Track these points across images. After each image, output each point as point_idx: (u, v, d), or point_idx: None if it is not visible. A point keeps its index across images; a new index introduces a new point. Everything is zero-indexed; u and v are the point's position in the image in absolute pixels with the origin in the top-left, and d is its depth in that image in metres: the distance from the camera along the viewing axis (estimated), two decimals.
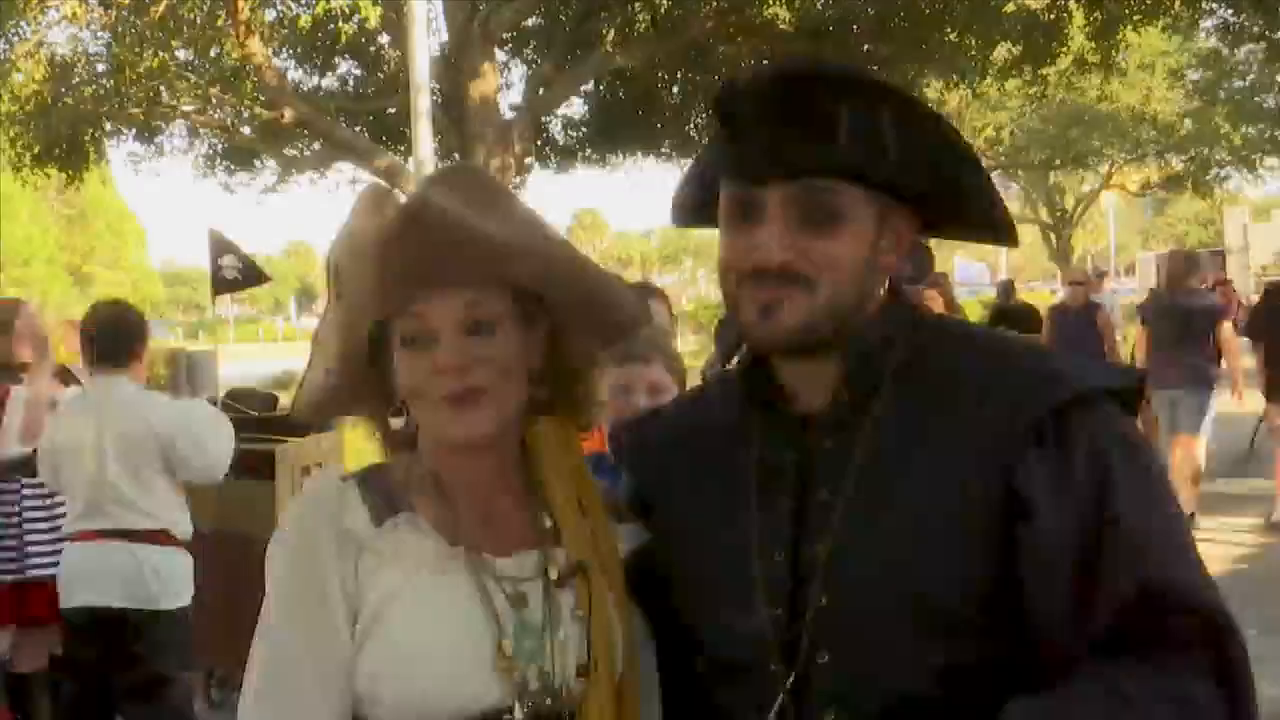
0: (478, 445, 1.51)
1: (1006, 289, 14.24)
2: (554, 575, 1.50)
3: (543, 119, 15.98)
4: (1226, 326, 9.32)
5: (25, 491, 5.08)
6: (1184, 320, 9.06)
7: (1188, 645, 1.28)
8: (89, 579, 4.38)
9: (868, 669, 1.38)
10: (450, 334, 1.46)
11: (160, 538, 4.42)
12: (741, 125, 1.44)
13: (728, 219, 1.47)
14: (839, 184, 1.40)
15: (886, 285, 1.50)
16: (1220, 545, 8.17)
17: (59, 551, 4.80)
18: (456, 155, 14.55)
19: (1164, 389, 8.93)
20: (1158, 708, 1.25)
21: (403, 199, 1.47)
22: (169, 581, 4.43)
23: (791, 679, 1.40)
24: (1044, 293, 36.66)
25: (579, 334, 1.58)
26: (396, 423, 1.58)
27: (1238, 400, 9.51)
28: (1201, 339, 9.12)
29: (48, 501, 5.02)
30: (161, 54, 12.68)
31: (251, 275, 8.64)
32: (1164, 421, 9.21)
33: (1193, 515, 8.79)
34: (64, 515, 4.84)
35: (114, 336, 4.48)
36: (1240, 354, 9.68)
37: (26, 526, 5.05)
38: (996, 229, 1.50)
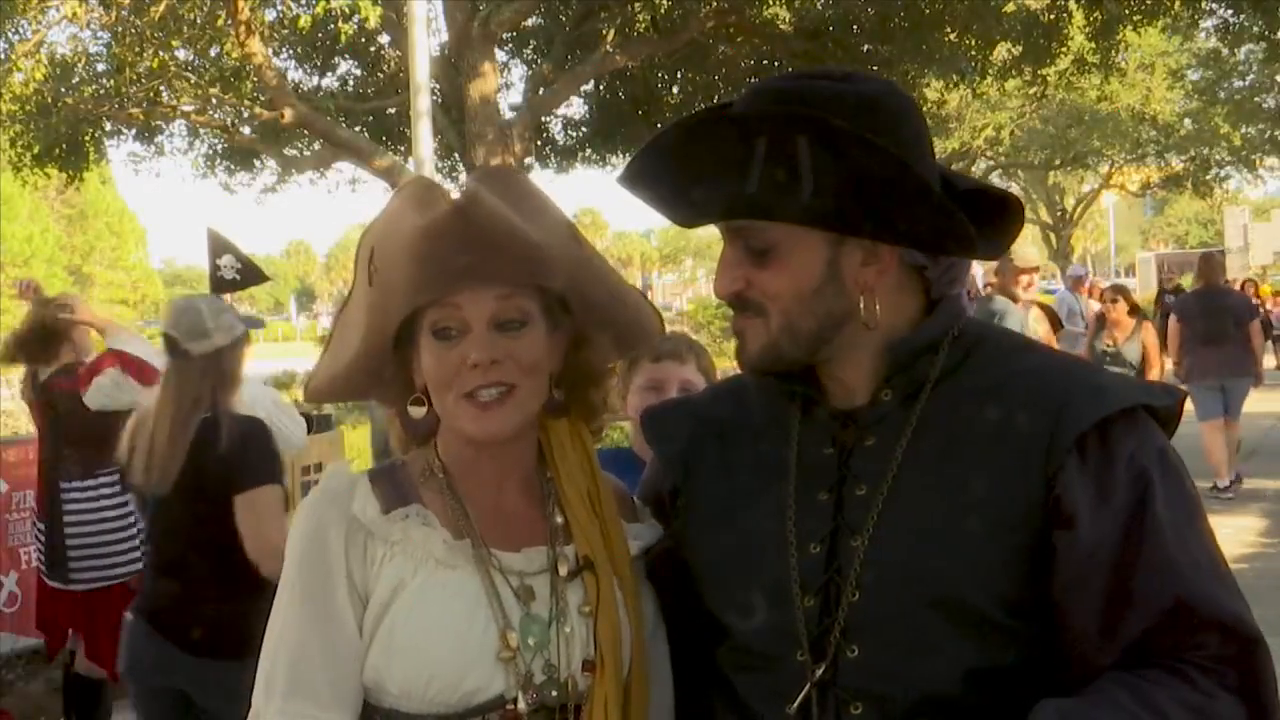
0: (494, 443, 1.54)
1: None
2: (563, 571, 1.52)
3: (543, 119, 15.97)
4: (1256, 324, 10.53)
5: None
6: (1226, 316, 10.24)
7: (1216, 660, 1.31)
8: None
9: (896, 666, 1.40)
10: (481, 328, 1.49)
11: None
12: (661, 175, 1.47)
13: None
14: (758, 222, 1.43)
15: (925, 293, 1.50)
16: (1220, 545, 8.17)
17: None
18: (456, 155, 14.57)
19: (1210, 378, 10.09)
20: (1182, 718, 1.27)
21: (453, 194, 1.50)
22: None
23: (819, 671, 1.42)
24: (1042, 294, 36.65)
25: (598, 339, 1.61)
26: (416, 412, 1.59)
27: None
28: (1242, 333, 10.31)
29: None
30: (161, 54, 12.67)
31: (251, 275, 8.60)
32: (1201, 408, 10.00)
33: (1239, 480, 10.25)
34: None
35: None
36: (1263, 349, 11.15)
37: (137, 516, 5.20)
38: (956, 243, 1.45)
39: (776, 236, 1.43)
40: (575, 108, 17.52)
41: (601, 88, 16.45)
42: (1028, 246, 8.46)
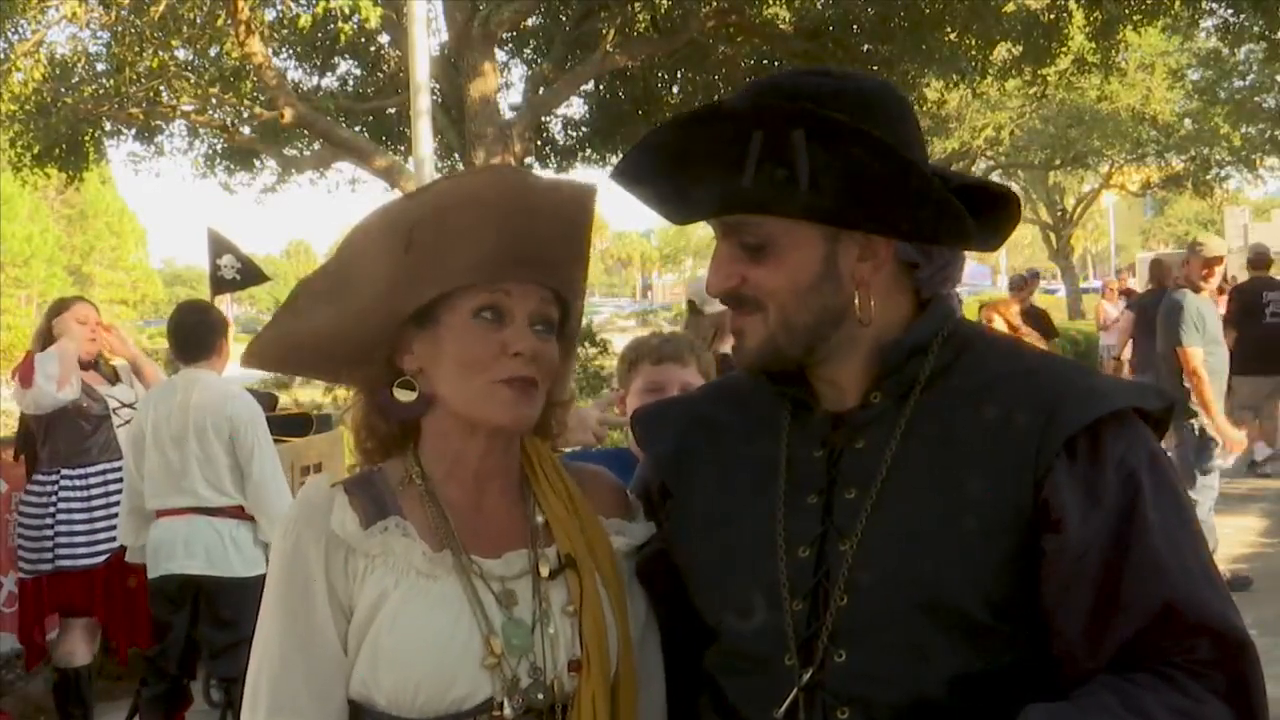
0: (515, 432, 1.56)
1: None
2: (544, 572, 1.52)
3: (543, 119, 15.94)
4: None
5: (63, 483, 5.35)
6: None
7: (1204, 664, 1.30)
8: (177, 550, 4.88)
9: (883, 671, 1.39)
10: (523, 321, 1.51)
11: (236, 512, 4.92)
12: (653, 174, 1.47)
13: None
14: (756, 217, 1.42)
15: (915, 293, 1.50)
16: (1220, 545, 8.18)
17: (95, 543, 5.43)
18: (456, 155, 14.55)
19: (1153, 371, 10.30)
20: None
21: (550, 180, 1.51)
22: (247, 551, 4.92)
23: (807, 676, 1.41)
24: (1042, 294, 36.63)
25: (565, 371, 1.63)
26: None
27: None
28: None
29: (84, 494, 5.32)
30: (161, 54, 12.65)
31: (251, 275, 8.60)
32: None
33: None
34: (102, 507, 5.45)
35: (197, 332, 5.04)
36: None
37: (60, 519, 5.33)
38: (953, 236, 1.44)
39: (772, 232, 1.43)
40: (575, 108, 17.52)
41: (601, 88, 16.44)
42: (1214, 238, 8.38)
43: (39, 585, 5.57)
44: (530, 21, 15.14)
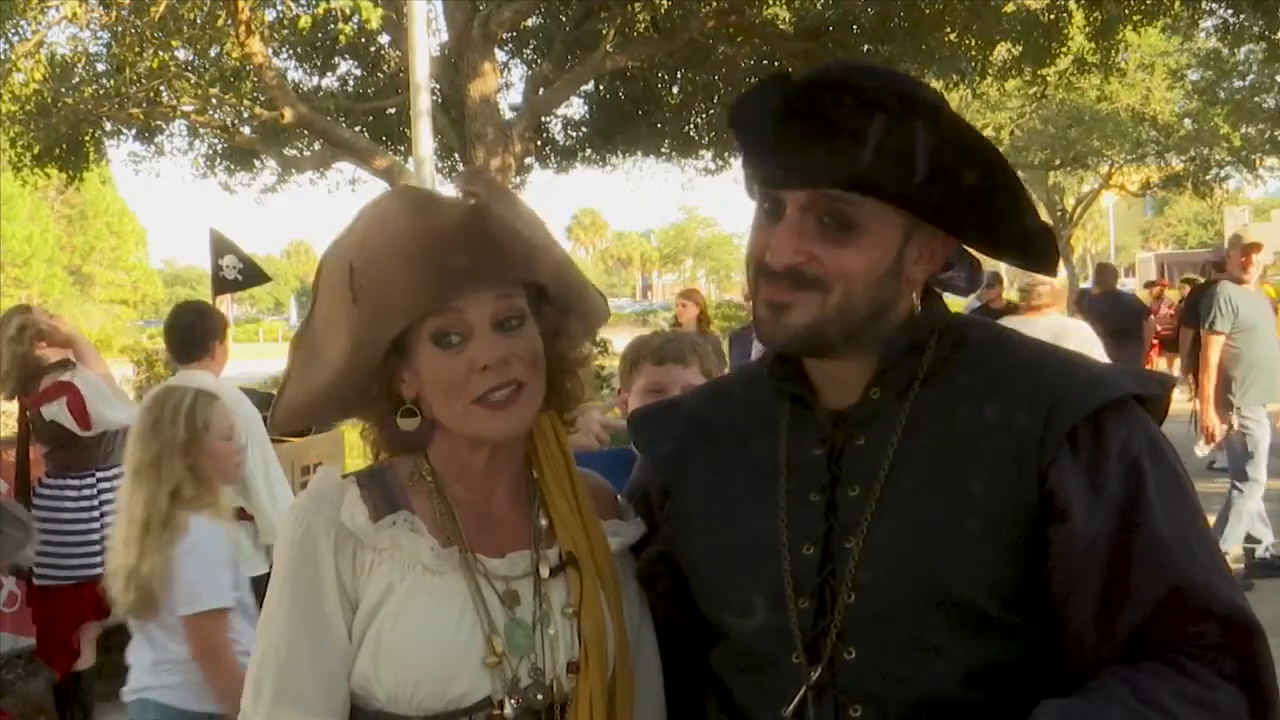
0: (515, 439, 1.55)
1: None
2: (545, 573, 1.53)
3: (543, 119, 15.95)
4: (1150, 322, 12.14)
5: (101, 485, 5.29)
6: (1130, 316, 11.62)
7: (1214, 649, 1.30)
8: None
9: (895, 667, 1.39)
10: (485, 329, 1.50)
11: (235, 513, 4.75)
12: (765, 132, 1.44)
13: (757, 210, 1.49)
14: (859, 196, 1.40)
15: (919, 293, 1.51)
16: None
17: None
18: (456, 155, 14.55)
19: None
20: (1184, 712, 1.27)
21: (450, 201, 1.49)
22: (246, 553, 4.75)
23: (815, 674, 1.41)
24: None
25: (571, 328, 1.62)
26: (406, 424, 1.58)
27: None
28: (1140, 331, 11.80)
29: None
30: (161, 54, 12.66)
31: (252, 275, 8.61)
32: None
33: None
34: None
35: (192, 334, 4.99)
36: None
37: (107, 520, 5.26)
38: (1029, 256, 1.48)
39: (866, 215, 1.41)
40: (575, 108, 17.53)
41: (601, 88, 16.44)
42: (1253, 227, 8.49)
43: (91, 590, 5.25)
44: (530, 21, 15.14)
